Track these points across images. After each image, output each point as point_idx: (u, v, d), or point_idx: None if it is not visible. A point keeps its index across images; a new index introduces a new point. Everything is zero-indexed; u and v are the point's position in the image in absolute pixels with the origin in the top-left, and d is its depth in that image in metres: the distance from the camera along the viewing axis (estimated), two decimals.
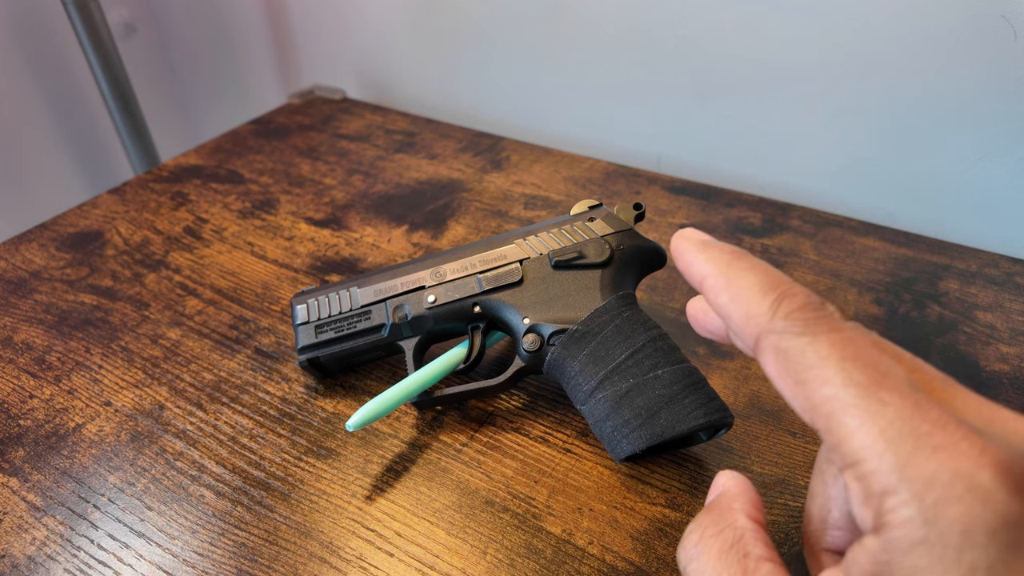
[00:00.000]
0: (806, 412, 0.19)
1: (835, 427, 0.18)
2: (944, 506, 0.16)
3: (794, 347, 0.19)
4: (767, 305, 0.20)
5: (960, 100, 0.56)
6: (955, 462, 0.17)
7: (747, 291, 0.21)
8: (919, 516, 0.17)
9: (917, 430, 0.17)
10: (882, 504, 0.17)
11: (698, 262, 0.23)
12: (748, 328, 0.21)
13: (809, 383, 0.19)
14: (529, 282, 0.41)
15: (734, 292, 0.21)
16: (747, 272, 0.22)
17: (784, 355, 0.20)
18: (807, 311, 0.20)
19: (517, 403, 0.43)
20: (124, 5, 0.94)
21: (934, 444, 0.17)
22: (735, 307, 0.21)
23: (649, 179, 0.66)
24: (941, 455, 0.17)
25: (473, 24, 0.77)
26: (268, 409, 0.43)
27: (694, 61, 0.66)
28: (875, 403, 0.18)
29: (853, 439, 0.18)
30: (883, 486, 0.17)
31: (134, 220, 0.62)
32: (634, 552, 0.34)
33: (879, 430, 0.18)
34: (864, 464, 0.18)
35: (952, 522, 0.16)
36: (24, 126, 0.87)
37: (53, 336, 0.49)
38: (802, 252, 0.56)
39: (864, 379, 0.18)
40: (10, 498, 0.38)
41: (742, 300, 0.21)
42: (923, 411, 0.18)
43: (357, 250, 0.58)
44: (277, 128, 0.78)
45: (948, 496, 0.16)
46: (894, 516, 0.17)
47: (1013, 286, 0.51)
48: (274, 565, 0.35)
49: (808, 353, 0.19)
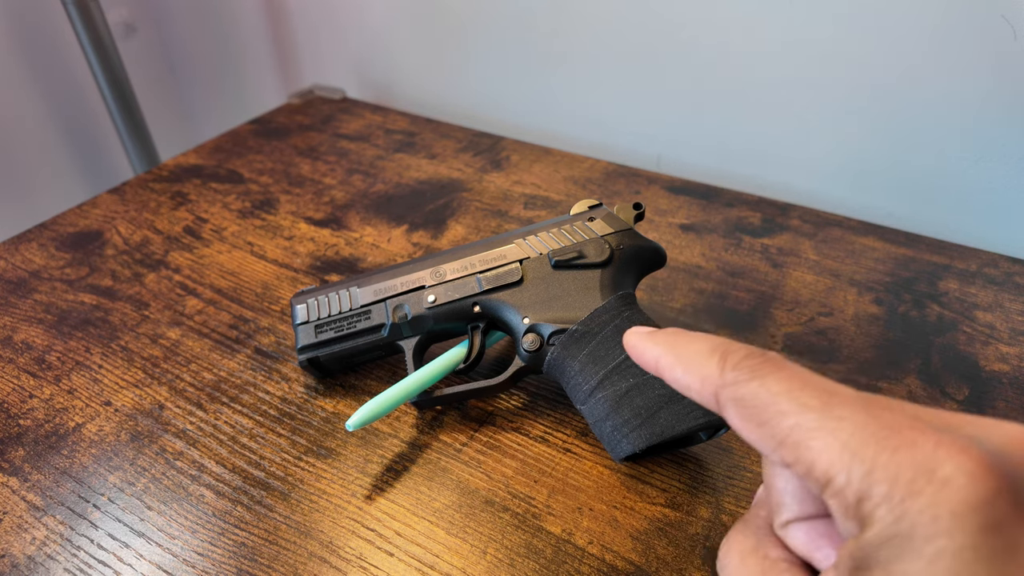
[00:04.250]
0: (775, 450, 0.20)
1: (802, 454, 0.19)
2: (910, 500, 0.17)
3: (747, 393, 0.21)
4: (714, 364, 0.22)
5: (960, 100, 0.56)
6: (915, 458, 0.18)
7: (695, 358, 0.23)
8: (889, 514, 0.17)
9: (876, 436, 0.18)
10: (859, 511, 0.18)
11: (648, 349, 0.25)
12: (706, 390, 0.23)
13: (769, 421, 0.20)
14: (529, 282, 0.41)
15: (684, 364, 0.24)
16: (690, 343, 0.24)
17: (741, 403, 0.21)
18: (751, 359, 0.22)
19: (517, 403, 0.43)
20: (124, 5, 0.94)
21: (894, 445, 0.18)
22: (690, 376, 0.23)
23: (649, 179, 0.66)
24: (901, 454, 0.18)
25: (473, 24, 0.77)
26: (268, 409, 0.43)
27: (694, 61, 0.66)
28: (832, 421, 0.19)
29: (821, 460, 0.19)
30: (856, 495, 0.18)
31: (134, 220, 0.62)
32: (634, 552, 0.34)
33: (841, 444, 0.19)
34: (836, 480, 0.19)
35: (918, 514, 0.17)
36: (24, 126, 0.87)
37: (53, 336, 0.49)
38: (802, 252, 0.56)
39: (817, 402, 0.20)
40: (10, 498, 0.38)
41: (693, 367, 0.23)
42: (878, 418, 0.19)
43: (357, 250, 0.58)
44: (277, 128, 0.78)
45: (912, 491, 0.17)
46: (871, 519, 0.18)
47: (1013, 286, 0.51)
48: (274, 565, 0.35)
49: (761, 394, 0.21)
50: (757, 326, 0.48)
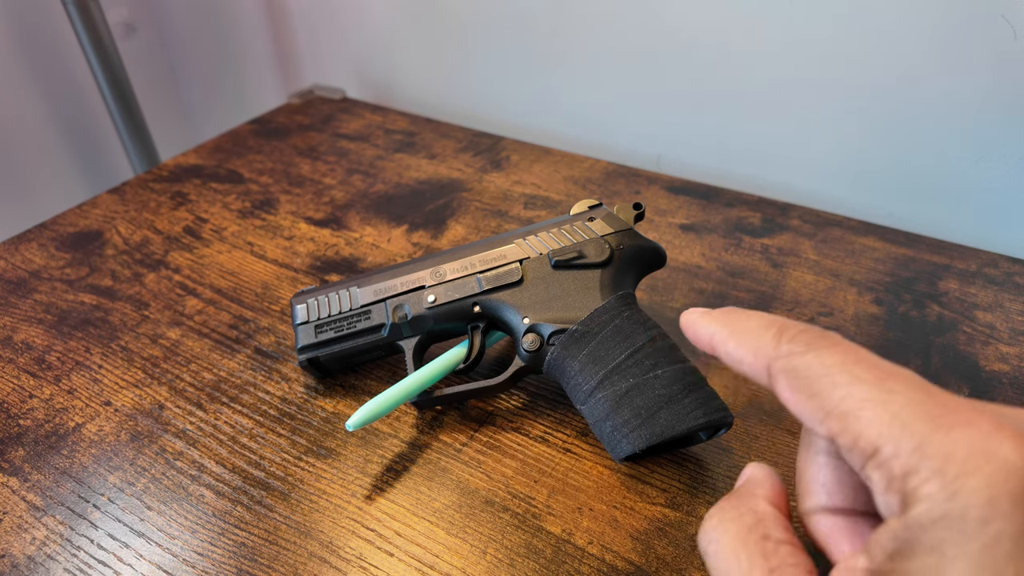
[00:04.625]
0: (823, 421, 0.20)
1: (850, 424, 0.19)
2: (965, 479, 0.17)
3: (801, 364, 0.21)
4: (770, 337, 0.22)
5: (960, 100, 0.56)
6: (972, 438, 0.17)
7: (749, 333, 0.23)
8: (941, 492, 0.17)
9: (930, 412, 0.18)
10: (904, 486, 0.18)
11: (702, 325, 0.25)
12: (759, 362, 0.23)
13: (820, 392, 0.20)
14: (529, 282, 0.41)
15: (739, 337, 0.23)
16: (745, 319, 0.24)
17: (794, 374, 0.21)
18: (807, 334, 0.22)
19: (517, 403, 0.43)
20: (124, 5, 0.94)
21: (949, 423, 0.18)
22: (743, 349, 0.23)
23: (649, 179, 0.66)
24: (957, 432, 0.17)
25: (473, 24, 0.77)
26: (268, 409, 0.43)
27: (694, 61, 0.66)
28: (884, 393, 0.19)
29: (869, 430, 0.18)
30: (903, 468, 0.18)
31: (134, 220, 0.62)
32: (634, 552, 0.34)
33: (891, 416, 0.18)
34: (882, 451, 0.18)
35: (974, 493, 0.16)
36: (24, 126, 0.87)
37: (53, 336, 0.49)
38: (802, 252, 0.56)
39: (870, 376, 0.19)
40: (10, 498, 0.38)
41: (747, 341, 0.23)
42: (933, 396, 0.18)
43: (357, 250, 0.58)
44: (277, 128, 0.78)
45: (968, 469, 0.17)
46: (916, 495, 0.17)
47: (1013, 286, 0.51)
48: (274, 565, 0.35)
49: (815, 366, 0.20)
50: None
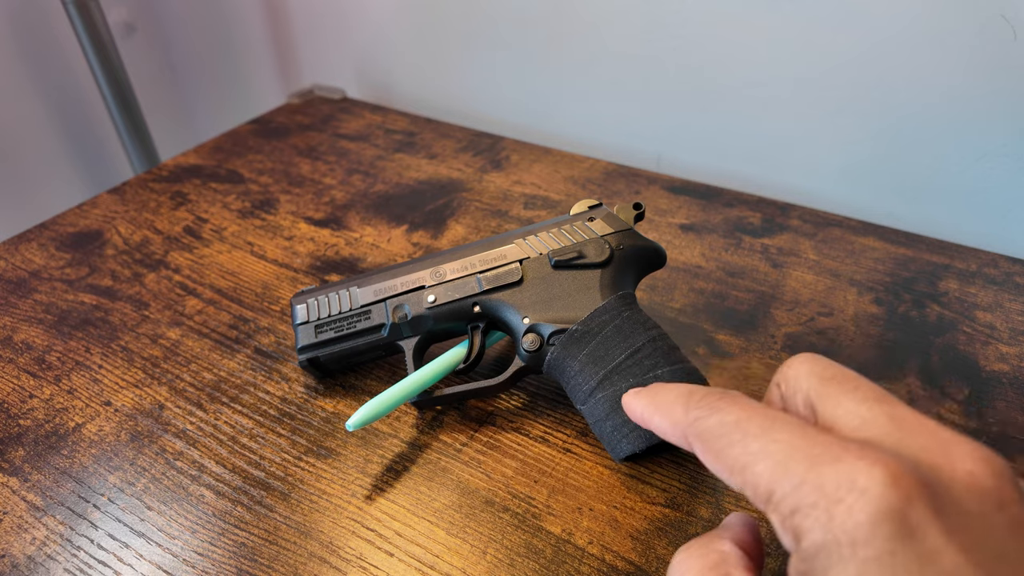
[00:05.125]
0: (733, 478, 0.22)
1: (749, 477, 0.21)
2: (834, 510, 0.18)
3: (705, 428, 0.23)
4: (681, 407, 0.25)
5: (960, 100, 0.56)
6: (838, 471, 0.19)
7: (666, 405, 0.26)
8: (818, 524, 0.19)
9: (807, 454, 0.20)
10: (793, 523, 0.20)
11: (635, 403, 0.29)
12: (677, 432, 0.25)
13: (723, 451, 0.22)
14: (529, 282, 0.41)
15: (660, 411, 0.26)
16: (664, 392, 0.27)
17: (702, 438, 0.24)
18: (710, 398, 0.24)
19: (517, 403, 0.43)
20: (124, 5, 0.94)
21: (823, 461, 0.20)
22: (664, 422, 0.26)
23: (649, 179, 0.66)
24: (827, 468, 0.19)
25: (473, 24, 0.77)
26: (268, 409, 0.43)
27: (694, 61, 0.66)
28: (771, 444, 0.21)
29: (761, 479, 0.21)
30: (790, 507, 0.20)
31: (134, 220, 0.62)
32: (634, 552, 0.34)
33: (776, 463, 0.20)
34: (774, 495, 0.20)
35: (842, 522, 0.18)
36: (24, 126, 0.87)
37: (53, 336, 0.49)
38: (802, 252, 0.56)
39: (758, 429, 0.22)
40: (10, 498, 0.38)
41: (667, 414, 0.26)
42: (811, 439, 0.21)
43: (357, 250, 0.58)
44: (277, 128, 0.78)
45: (835, 500, 0.19)
46: (801, 529, 0.19)
47: (1013, 286, 0.51)
48: (274, 565, 0.35)
49: (715, 428, 0.23)
50: (757, 326, 0.48)
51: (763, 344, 0.47)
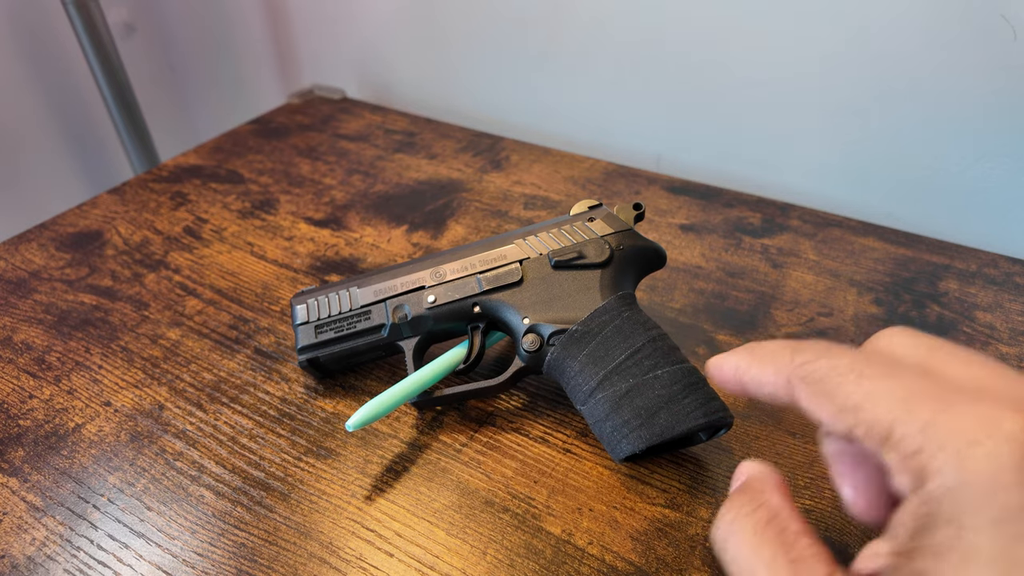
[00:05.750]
0: (842, 416, 0.21)
1: (863, 416, 0.20)
2: (970, 451, 0.18)
3: (815, 369, 0.23)
4: (787, 355, 0.24)
5: (960, 100, 0.56)
6: (975, 413, 0.18)
7: (768, 354, 0.25)
8: (948, 465, 0.18)
9: (935, 395, 0.19)
10: (915, 463, 0.19)
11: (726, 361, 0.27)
12: (780, 378, 0.24)
13: (834, 392, 0.22)
14: (529, 282, 0.41)
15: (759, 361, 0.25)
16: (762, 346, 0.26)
17: (809, 380, 0.23)
18: (819, 347, 0.23)
19: (517, 403, 0.43)
20: (124, 5, 0.94)
21: (953, 402, 0.19)
22: (765, 370, 0.25)
23: (649, 179, 0.66)
24: (960, 408, 0.18)
25: (473, 24, 0.77)
26: (268, 409, 0.43)
27: (694, 61, 0.66)
28: (891, 383, 0.20)
29: (881, 416, 0.20)
30: (913, 446, 0.19)
31: (134, 220, 0.62)
32: (634, 552, 0.34)
33: (898, 401, 0.20)
34: (894, 433, 0.19)
35: (979, 465, 0.17)
36: (24, 126, 0.87)
37: (53, 336, 0.49)
38: (802, 252, 0.56)
39: (877, 372, 0.21)
40: (10, 498, 0.38)
41: (768, 362, 0.25)
42: (935, 381, 0.20)
43: (357, 250, 0.58)
44: (277, 128, 0.78)
45: (973, 442, 0.18)
46: (929, 469, 0.18)
47: (1013, 286, 0.51)
48: (274, 565, 0.35)
49: (826, 369, 0.22)
50: (757, 326, 0.48)
51: None
